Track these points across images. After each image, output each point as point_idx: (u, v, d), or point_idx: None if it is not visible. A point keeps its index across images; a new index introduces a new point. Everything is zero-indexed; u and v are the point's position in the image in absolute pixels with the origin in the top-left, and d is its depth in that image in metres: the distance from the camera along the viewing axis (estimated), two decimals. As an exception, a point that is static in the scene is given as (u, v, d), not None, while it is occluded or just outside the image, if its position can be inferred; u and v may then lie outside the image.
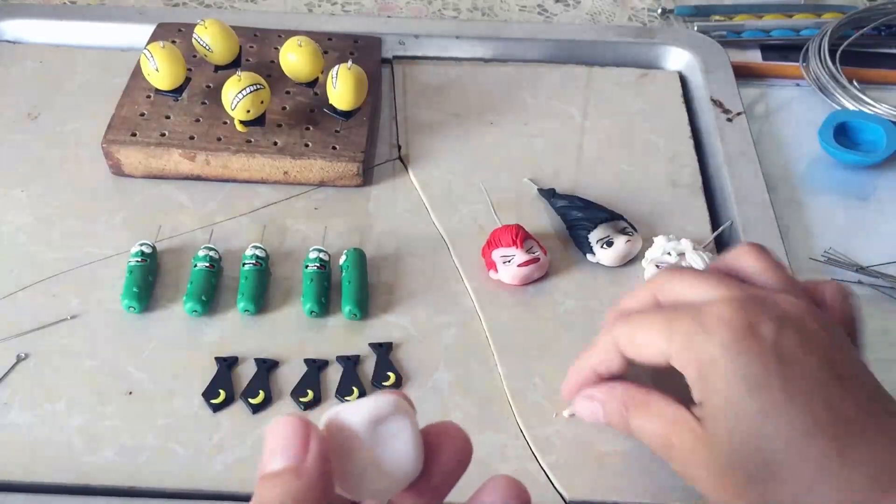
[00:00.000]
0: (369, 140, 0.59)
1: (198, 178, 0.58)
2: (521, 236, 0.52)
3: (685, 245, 0.53)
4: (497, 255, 0.52)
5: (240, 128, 0.57)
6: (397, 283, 0.53)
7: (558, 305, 0.52)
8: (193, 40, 0.59)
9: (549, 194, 0.58)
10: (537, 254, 0.52)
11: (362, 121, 0.59)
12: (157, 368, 0.48)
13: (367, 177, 0.59)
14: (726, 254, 0.42)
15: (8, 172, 0.59)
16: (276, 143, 0.57)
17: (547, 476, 0.44)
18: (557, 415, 0.46)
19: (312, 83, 0.60)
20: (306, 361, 0.48)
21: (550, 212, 0.57)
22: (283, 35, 0.64)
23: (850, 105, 0.66)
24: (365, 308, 0.50)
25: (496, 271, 0.53)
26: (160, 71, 0.56)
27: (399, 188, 0.59)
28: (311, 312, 0.50)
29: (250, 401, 0.46)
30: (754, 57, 0.73)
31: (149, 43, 0.60)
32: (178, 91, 0.57)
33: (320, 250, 0.52)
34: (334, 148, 0.57)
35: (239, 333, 0.50)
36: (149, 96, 0.59)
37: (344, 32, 0.66)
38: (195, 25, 0.59)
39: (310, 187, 0.58)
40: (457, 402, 0.47)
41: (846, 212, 0.60)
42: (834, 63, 0.69)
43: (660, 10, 0.79)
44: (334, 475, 0.24)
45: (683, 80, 0.70)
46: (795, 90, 0.70)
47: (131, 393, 0.47)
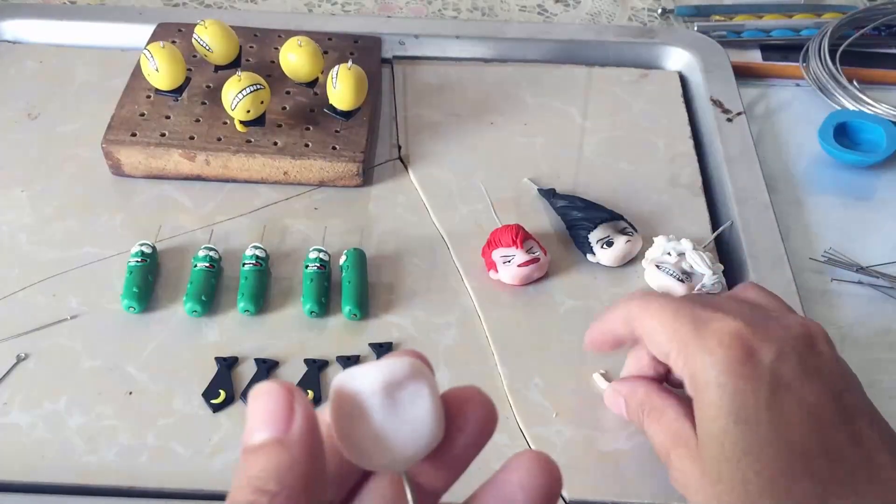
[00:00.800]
0: (369, 140, 0.59)
1: (198, 179, 0.58)
2: (521, 236, 0.52)
3: (685, 245, 0.53)
4: (497, 255, 0.52)
5: (240, 128, 0.57)
6: (397, 283, 0.53)
7: (558, 305, 0.52)
8: (193, 40, 0.59)
9: (549, 194, 0.58)
10: (537, 254, 0.52)
11: (362, 121, 0.59)
12: (158, 368, 0.48)
13: (367, 177, 0.59)
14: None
15: (8, 172, 0.59)
16: (276, 143, 0.57)
17: None
18: (558, 414, 0.46)
19: (312, 83, 0.60)
20: (306, 361, 0.48)
21: (550, 212, 0.57)
22: (283, 35, 0.64)
23: (850, 105, 0.66)
24: (365, 308, 0.50)
25: (496, 271, 0.53)
26: (160, 71, 0.56)
27: (399, 188, 0.59)
28: (311, 312, 0.50)
29: (250, 401, 0.46)
30: (754, 57, 0.73)
31: (149, 43, 0.60)
32: (178, 91, 0.57)
33: (320, 250, 0.52)
34: (334, 148, 0.57)
35: (239, 333, 0.50)
36: (149, 96, 0.59)
37: (344, 32, 0.66)
38: (195, 25, 0.59)
39: (310, 187, 0.58)
40: (457, 403, 0.47)
41: (846, 212, 0.60)
42: (834, 63, 0.69)
43: (660, 10, 0.79)
44: (344, 444, 0.22)
45: (683, 80, 0.70)
46: (795, 90, 0.70)
47: (131, 393, 0.47)
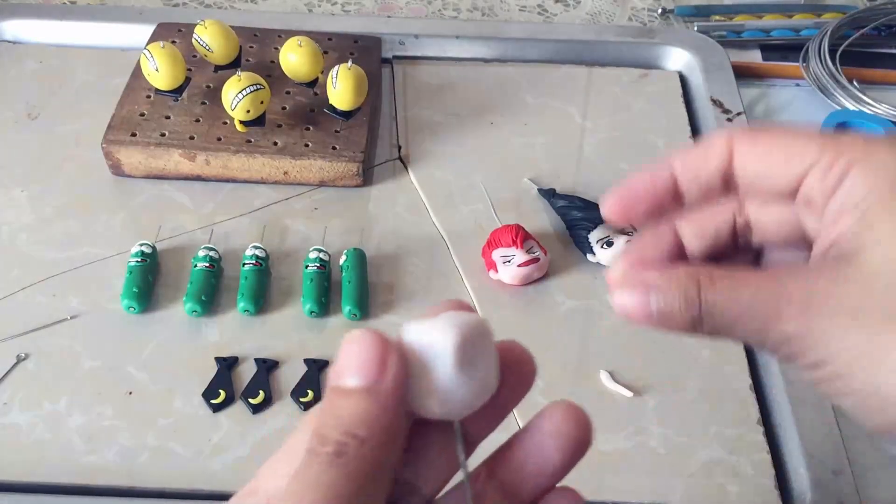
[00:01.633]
0: (369, 140, 0.59)
1: (198, 178, 0.58)
2: (521, 236, 0.52)
3: (685, 245, 0.53)
4: (497, 255, 0.52)
5: (240, 128, 0.57)
6: (397, 283, 0.53)
7: (558, 305, 0.52)
8: (193, 40, 0.59)
9: (549, 194, 0.58)
10: (537, 254, 0.52)
11: (362, 121, 0.59)
12: (158, 368, 0.48)
13: (367, 177, 0.59)
14: None
15: (8, 172, 0.59)
16: (276, 143, 0.57)
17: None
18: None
19: (312, 83, 0.60)
20: (306, 361, 0.48)
21: (550, 212, 0.57)
22: (283, 35, 0.64)
23: (851, 105, 0.66)
24: (365, 308, 0.50)
25: (496, 271, 0.53)
26: (160, 71, 0.56)
27: (399, 188, 0.59)
28: (311, 312, 0.50)
29: (250, 401, 0.46)
30: (754, 57, 0.73)
31: (149, 43, 0.60)
32: (178, 91, 0.57)
33: (320, 250, 0.52)
34: (334, 148, 0.57)
35: (239, 333, 0.50)
36: (149, 96, 0.59)
37: (344, 32, 0.66)
38: (195, 25, 0.59)
39: (310, 187, 0.58)
40: (457, 403, 0.47)
41: (846, 212, 0.60)
42: (834, 63, 0.69)
43: (660, 11, 0.79)
44: (410, 393, 0.22)
45: (683, 80, 0.70)
46: (795, 90, 0.70)
47: (131, 393, 0.47)
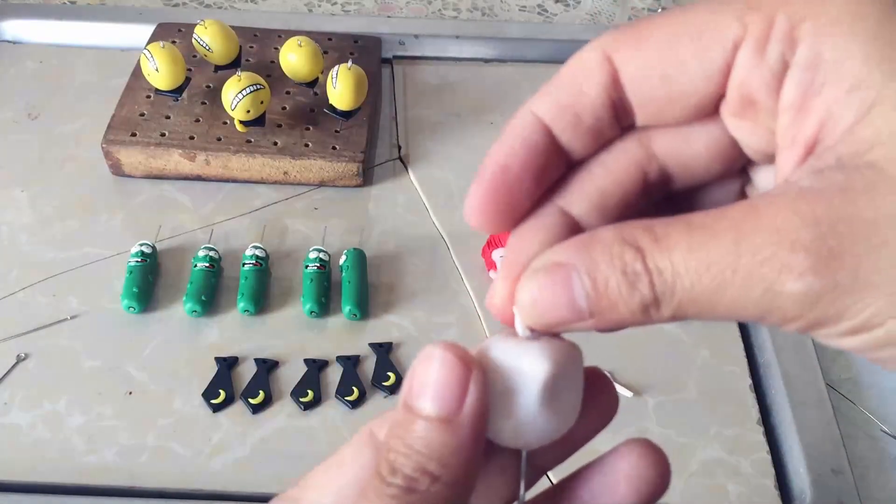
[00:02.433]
0: (369, 140, 0.59)
1: (198, 178, 0.58)
2: (521, 236, 0.52)
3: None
4: (497, 255, 0.52)
5: (240, 128, 0.57)
6: (397, 283, 0.53)
7: (558, 305, 0.52)
8: (193, 40, 0.59)
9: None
10: (537, 254, 0.52)
11: (362, 121, 0.59)
12: (157, 368, 0.48)
13: (366, 177, 0.59)
14: None
15: (8, 172, 0.59)
16: (276, 143, 0.57)
17: (547, 476, 0.44)
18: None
19: (312, 83, 0.60)
20: (306, 361, 0.48)
21: (550, 212, 0.57)
22: (283, 35, 0.64)
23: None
24: (365, 308, 0.50)
25: (496, 271, 0.53)
26: (160, 71, 0.56)
27: (399, 188, 0.59)
28: (311, 312, 0.50)
29: (250, 401, 0.46)
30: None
31: (149, 43, 0.60)
32: (178, 91, 0.57)
33: (320, 250, 0.52)
34: (334, 148, 0.57)
35: (239, 333, 0.50)
36: (149, 96, 0.59)
37: (344, 32, 0.66)
38: (195, 25, 0.59)
39: (310, 187, 0.58)
40: (457, 403, 0.47)
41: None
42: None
43: (659, 10, 0.79)
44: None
45: (683, 80, 0.69)
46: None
47: (131, 393, 0.47)
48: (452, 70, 0.68)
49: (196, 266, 0.51)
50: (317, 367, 0.48)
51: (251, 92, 0.54)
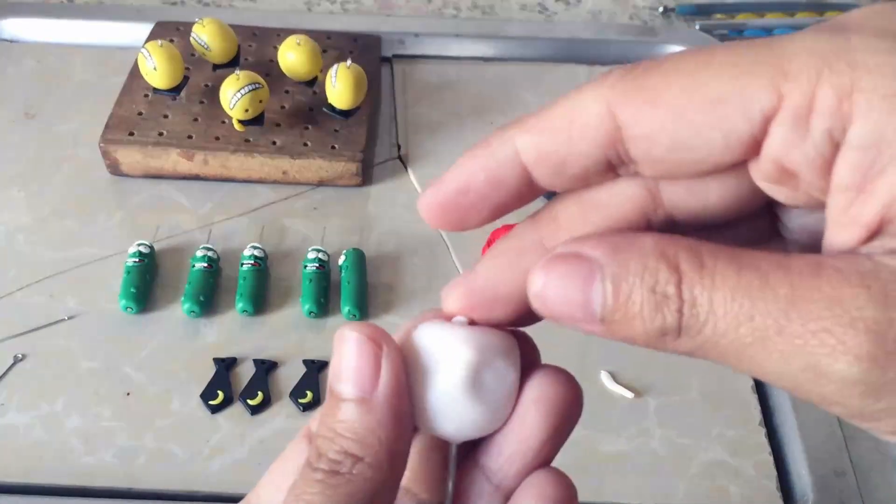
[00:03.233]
0: (369, 139, 0.59)
1: (196, 178, 0.58)
2: (521, 236, 0.52)
3: (686, 245, 0.53)
4: (497, 255, 0.52)
5: (238, 127, 0.56)
6: (397, 283, 0.52)
7: (559, 306, 0.52)
8: (191, 39, 0.58)
9: (549, 194, 0.57)
10: (538, 254, 0.52)
11: (362, 120, 0.58)
12: (156, 369, 0.48)
13: (366, 176, 0.59)
14: None
15: (5, 172, 0.58)
16: (274, 143, 0.57)
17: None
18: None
19: (311, 82, 0.60)
20: (305, 362, 0.48)
21: (551, 211, 0.57)
22: (281, 34, 0.64)
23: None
24: (364, 308, 0.50)
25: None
26: (158, 70, 0.55)
27: (399, 188, 0.59)
28: (310, 313, 0.50)
29: (249, 402, 0.46)
30: (756, 56, 0.72)
31: (147, 42, 0.60)
32: (176, 90, 0.57)
33: (319, 250, 0.52)
34: (333, 147, 0.57)
35: (237, 334, 0.50)
36: (147, 95, 0.59)
37: (343, 31, 0.66)
38: (193, 24, 0.58)
39: (309, 187, 0.58)
40: (457, 404, 0.47)
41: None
42: (836, 62, 0.68)
43: (661, 9, 0.78)
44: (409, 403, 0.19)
45: (684, 78, 0.69)
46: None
47: (129, 394, 0.47)
48: (452, 69, 0.68)
49: (194, 266, 0.51)
50: (316, 367, 0.48)
51: (250, 91, 0.54)
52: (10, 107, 0.63)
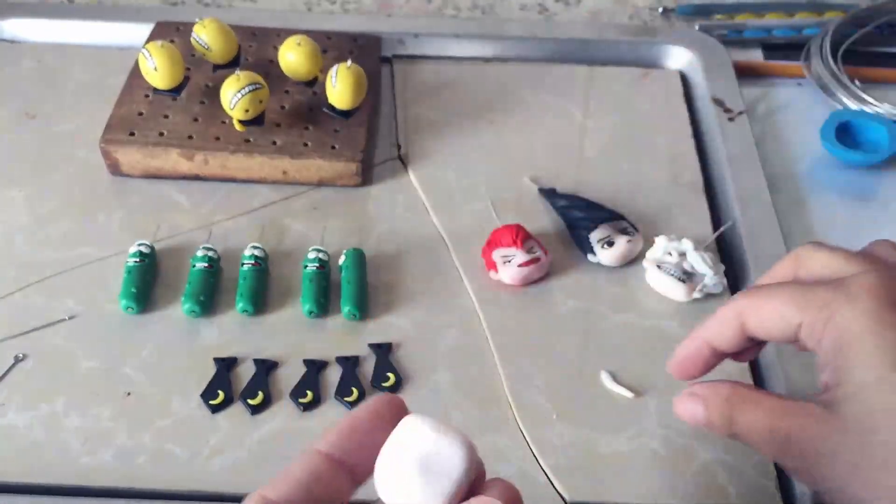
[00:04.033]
0: (369, 140, 0.59)
1: (196, 178, 0.58)
2: (521, 236, 0.52)
3: (686, 245, 0.53)
4: (497, 255, 0.52)
5: (238, 127, 0.56)
6: (397, 283, 0.52)
7: (559, 306, 0.52)
8: (192, 39, 0.59)
9: (550, 194, 0.57)
10: (538, 254, 0.52)
11: (362, 120, 0.58)
12: (156, 369, 0.48)
13: (366, 176, 0.59)
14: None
15: (5, 172, 0.58)
16: (274, 143, 0.57)
17: (547, 477, 0.44)
18: (558, 416, 0.46)
19: (311, 82, 0.60)
20: (305, 362, 0.48)
21: (551, 212, 0.57)
22: (281, 34, 0.64)
23: (853, 104, 0.66)
24: (364, 308, 0.50)
25: (496, 271, 0.52)
26: (158, 70, 0.55)
27: (399, 188, 0.59)
28: (311, 313, 0.50)
29: (249, 402, 0.46)
30: (756, 56, 0.73)
31: (147, 42, 0.60)
32: (176, 90, 0.57)
33: (319, 250, 0.52)
34: (333, 147, 0.57)
35: (238, 334, 0.50)
36: (147, 95, 0.59)
37: (343, 31, 0.66)
38: (194, 24, 0.59)
39: (309, 187, 0.58)
40: (457, 403, 0.47)
41: (848, 211, 0.60)
42: (836, 62, 0.68)
43: (661, 9, 0.79)
44: (377, 472, 0.26)
45: (685, 79, 0.69)
46: (797, 89, 0.70)
47: (129, 394, 0.47)
48: (452, 69, 0.68)
49: (194, 266, 0.51)
50: (316, 367, 0.48)
51: (250, 91, 0.54)
52: (10, 107, 0.63)
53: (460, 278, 0.53)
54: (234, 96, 0.54)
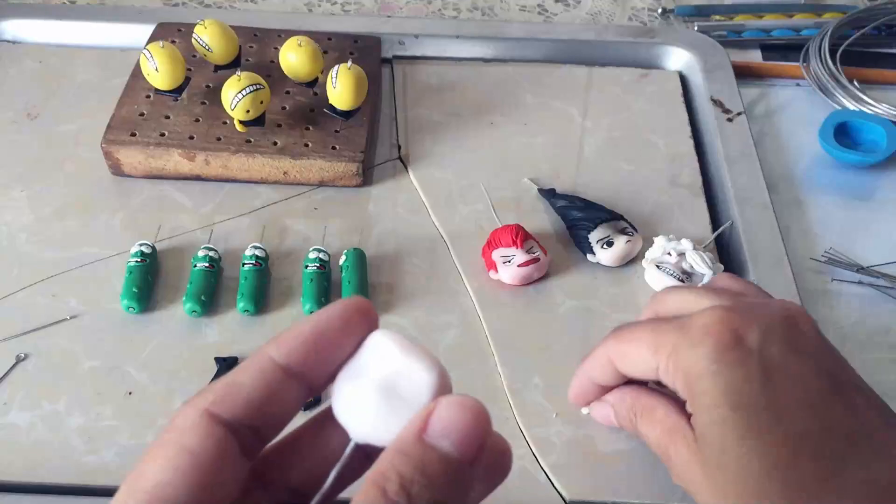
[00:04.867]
0: (369, 140, 0.59)
1: (197, 178, 0.58)
2: (521, 236, 0.52)
3: (685, 245, 0.53)
4: (497, 255, 0.52)
5: (239, 128, 0.57)
6: (397, 283, 0.53)
7: (558, 305, 0.52)
8: (193, 40, 0.59)
9: (549, 194, 0.58)
10: (537, 254, 0.52)
11: (362, 121, 0.59)
12: (157, 369, 0.48)
13: (366, 177, 0.59)
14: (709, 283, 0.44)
15: (7, 172, 0.58)
16: (275, 143, 0.57)
17: (547, 476, 0.44)
18: (558, 415, 0.46)
19: (312, 83, 0.60)
20: (306, 362, 0.48)
21: (550, 212, 0.57)
22: (282, 35, 0.64)
23: (851, 105, 0.66)
24: (365, 308, 0.50)
25: (496, 271, 0.53)
26: (160, 71, 0.56)
27: (399, 188, 0.59)
28: (311, 313, 0.50)
29: (250, 401, 0.46)
30: (755, 57, 0.73)
31: (148, 43, 0.60)
32: (177, 91, 0.57)
33: (320, 250, 0.52)
34: (334, 148, 0.57)
35: (238, 334, 0.50)
36: (148, 96, 0.59)
37: (344, 32, 0.66)
38: (195, 25, 0.59)
39: (309, 187, 0.58)
40: (457, 403, 0.47)
41: (846, 212, 0.60)
42: (834, 63, 0.69)
43: (660, 10, 0.79)
44: (335, 389, 0.23)
45: (684, 79, 0.69)
46: (796, 90, 0.70)
47: (131, 393, 0.47)
48: (452, 70, 0.68)
49: (196, 266, 0.51)
50: (317, 367, 0.48)
51: (251, 92, 0.54)
52: (12, 107, 0.63)
53: (460, 278, 0.53)
54: (235, 97, 0.54)
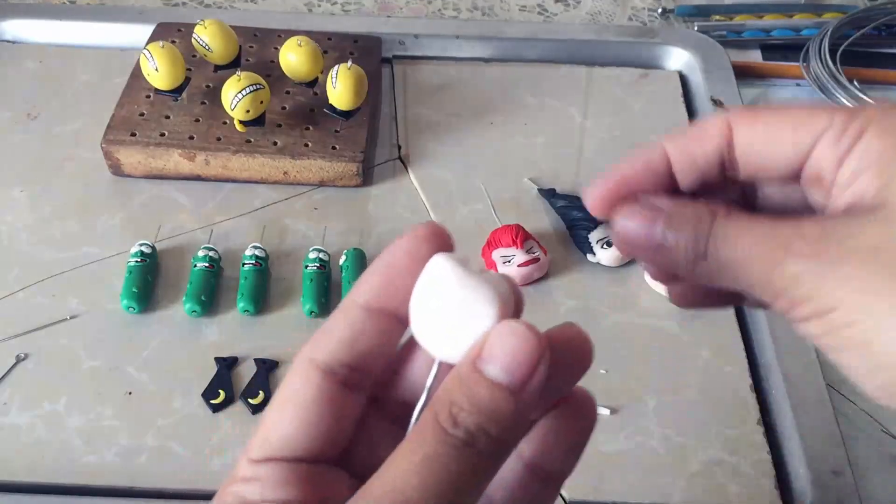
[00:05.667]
0: (369, 140, 0.59)
1: (197, 178, 0.58)
2: (521, 236, 0.52)
3: (685, 245, 0.53)
4: (497, 255, 0.52)
5: (239, 128, 0.57)
6: (397, 284, 0.53)
7: (558, 305, 0.52)
8: (193, 40, 0.59)
9: (549, 194, 0.58)
10: (537, 254, 0.52)
11: (362, 121, 0.59)
12: (157, 369, 0.48)
13: (366, 177, 0.59)
14: None
15: (7, 172, 0.58)
16: (275, 143, 0.57)
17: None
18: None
19: (312, 83, 0.60)
20: (306, 362, 0.48)
21: (550, 212, 0.57)
22: (282, 35, 0.64)
23: (851, 105, 0.66)
24: (365, 308, 0.50)
25: (496, 271, 0.52)
26: (160, 71, 0.56)
27: (399, 188, 0.59)
28: (311, 313, 0.50)
29: (250, 401, 0.46)
30: (755, 57, 0.73)
31: (148, 43, 0.60)
32: (177, 91, 0.57)
33: (320, 250, 0.52)
34: (334, 148, 0.57)
35: (238, 334, 0.50)
36: (148, 96, 0.59)
37: (344, 32, 0.66)
38: (195, 25, 0.59)
39: (309, 187, 0.58)
40: (457, 403, 0.47)
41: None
42: (834, 63, 0.69)
43: (660, 10, 0.79)
44: (412, 312, 0.23)
45: (684, 79, 0.69)
46: (796, 90, 0.70)
47: (131, 393, 0.47)
48: (452, 70, 0.68)
49: (196, 266, 0.51)
50: (317, 367, 0.48)
51: (251, 92, 0.54)
52: (13, 107, 0.63)
53: (460, 278, 0.53)
54: (235, 97, 0.54)
